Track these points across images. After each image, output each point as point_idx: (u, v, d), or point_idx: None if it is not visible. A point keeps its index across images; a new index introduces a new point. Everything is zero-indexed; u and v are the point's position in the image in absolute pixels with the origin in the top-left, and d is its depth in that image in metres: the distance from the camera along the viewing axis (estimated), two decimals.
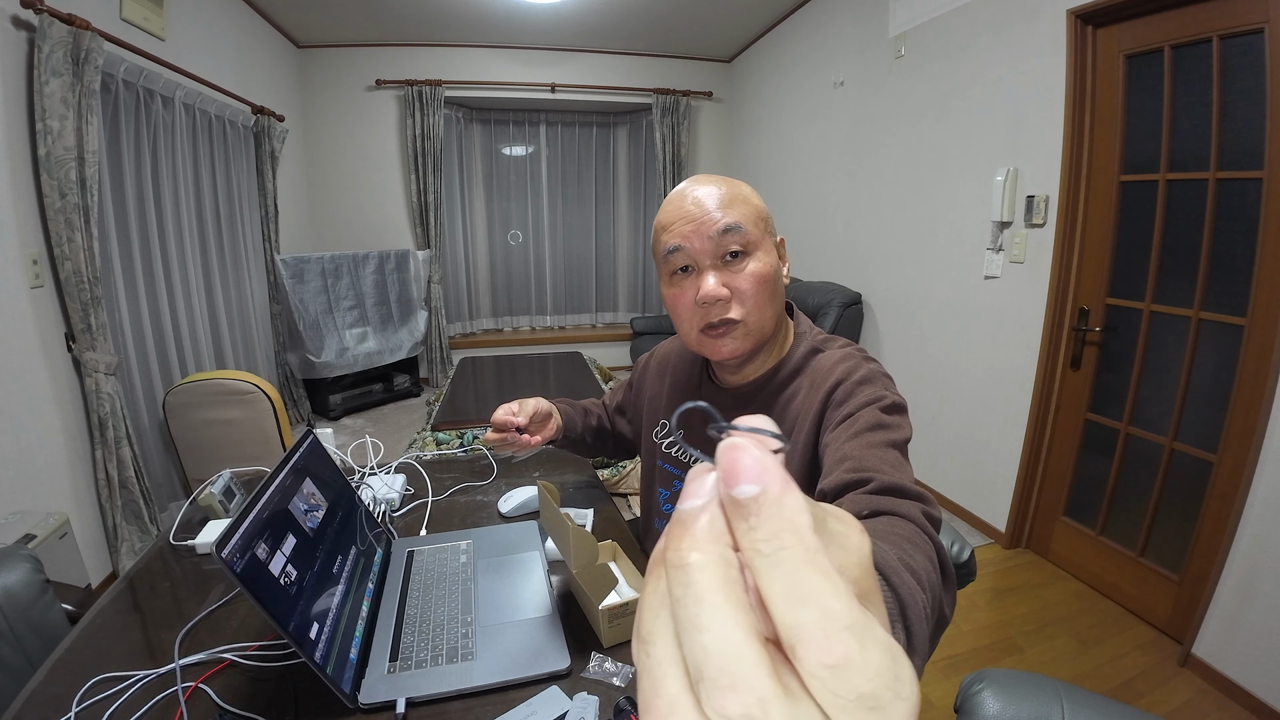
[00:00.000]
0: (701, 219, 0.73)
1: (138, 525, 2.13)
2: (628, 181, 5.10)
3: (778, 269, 0.77)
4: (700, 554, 0.15)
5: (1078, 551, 2.11)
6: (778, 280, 0.77)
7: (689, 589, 0.15)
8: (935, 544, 0.53)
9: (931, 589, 0.47)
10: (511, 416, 0.96)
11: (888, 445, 0.64)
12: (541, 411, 1.01)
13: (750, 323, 0.75)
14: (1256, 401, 1.52)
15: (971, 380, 2.42)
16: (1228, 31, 1.56)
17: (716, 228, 0.73)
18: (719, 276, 0.74)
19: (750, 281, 0.74)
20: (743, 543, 0.15)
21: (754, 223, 0.75)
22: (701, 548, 0.15)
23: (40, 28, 1.75)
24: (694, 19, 3.80)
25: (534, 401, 1.01)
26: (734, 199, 0.74)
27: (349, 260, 3.86)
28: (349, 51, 4.10)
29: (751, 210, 0.75)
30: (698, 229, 0.73)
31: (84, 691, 0.70)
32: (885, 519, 0.54)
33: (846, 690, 0.13)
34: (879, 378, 0.74)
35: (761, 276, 0.74)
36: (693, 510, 0.16)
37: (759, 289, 0.74)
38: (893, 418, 0.68)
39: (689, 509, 0.16)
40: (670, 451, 0.94)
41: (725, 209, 0.73)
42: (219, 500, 1.09)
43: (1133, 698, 1.59)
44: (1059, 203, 1.99)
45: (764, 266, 0.74)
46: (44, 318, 1.87)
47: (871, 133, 2.99)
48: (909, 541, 0.51)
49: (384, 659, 0.76)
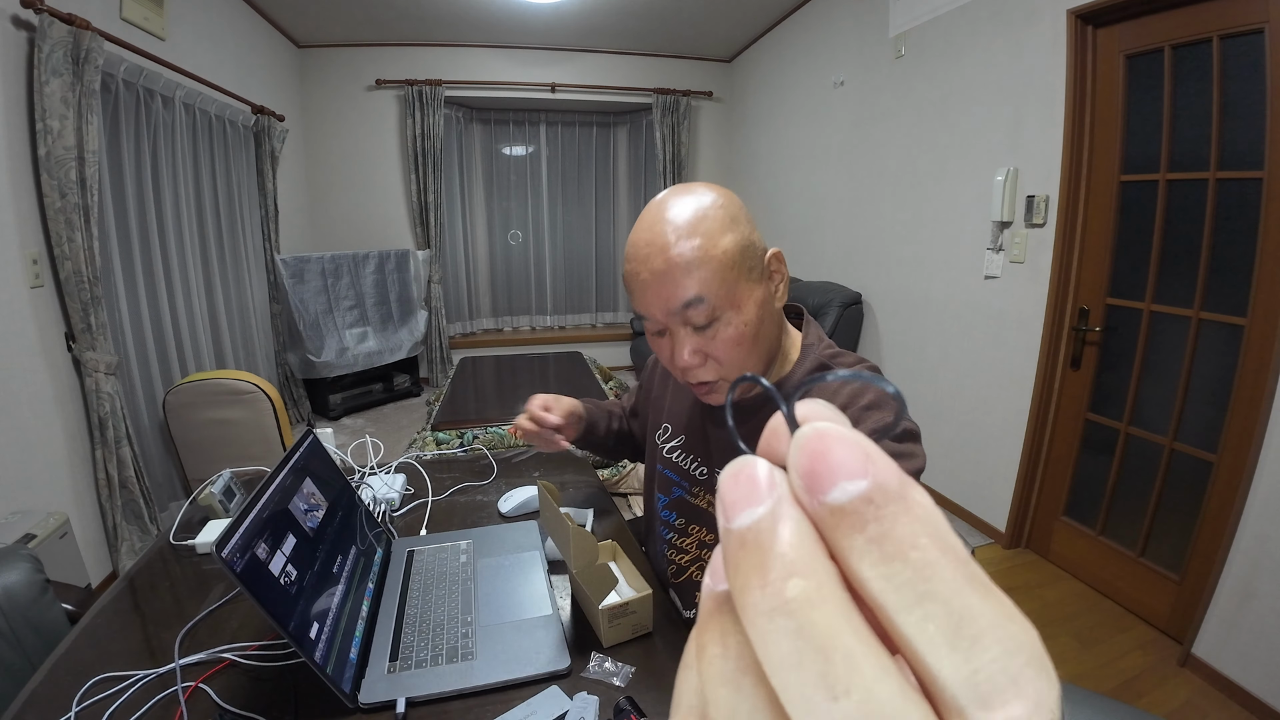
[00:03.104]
0: (659, 291, 0.67)
1: (138, 525, 2.13)
2: (628, 181, 5.10)
3: (759, 314, 0.69)
4: (807, 582, 0.10)
5: (1078, 551, 2.11)
6: (760, 326, 0.70)
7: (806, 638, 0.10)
8: None
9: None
10: (547, 414, 0.95)
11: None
12: (575, 412, 1.00)
13: (732, 377, 0.72)
14: (1256, 401, 1.52)
15: (971, 380, 2.42)
16: (1228, 31, 1.56)
17: (676, 303, 0.67)
18: (691, 342, 0.69)
19: (724, 347, 0.69)
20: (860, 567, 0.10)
21: (719, 282, 0.66)
22: (806, 574, 0.10)
23: (40, 27, 1.75)
24: (694, 19, 3.80)
25: (569, 401, 1.00)
26: (691, 260, 0.65)
27: (349, 260, 3.86)
28: (349, 51, 4.10)
29: (714, 269, 0.65)
30: (659, 300, 0.67)
31: (84, 691, 0.70)
32: None
33: None
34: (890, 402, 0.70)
35: (736, 340, 0.68)
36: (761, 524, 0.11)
37: (734, 350, 0.69)
38: (905, 445, 0.66)
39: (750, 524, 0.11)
40: (670, 456, 0.93)
41: (682, 277, 0.65)
42: (219, 500, 1.09)
43: (1133, 698, 1.59)
44: (1059, 203, 1.99)
45: (737, 327, 0.68)
46: (44, 317, 1.87)
47: (871, 133, 2.99)
48: None
49: (384, 659, 0.76)
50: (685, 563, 0.89)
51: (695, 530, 0.88)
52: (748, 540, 0.11)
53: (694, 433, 0.89)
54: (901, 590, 0.10)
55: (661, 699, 0.71)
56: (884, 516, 0.10)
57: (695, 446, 0.88)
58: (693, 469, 0.88)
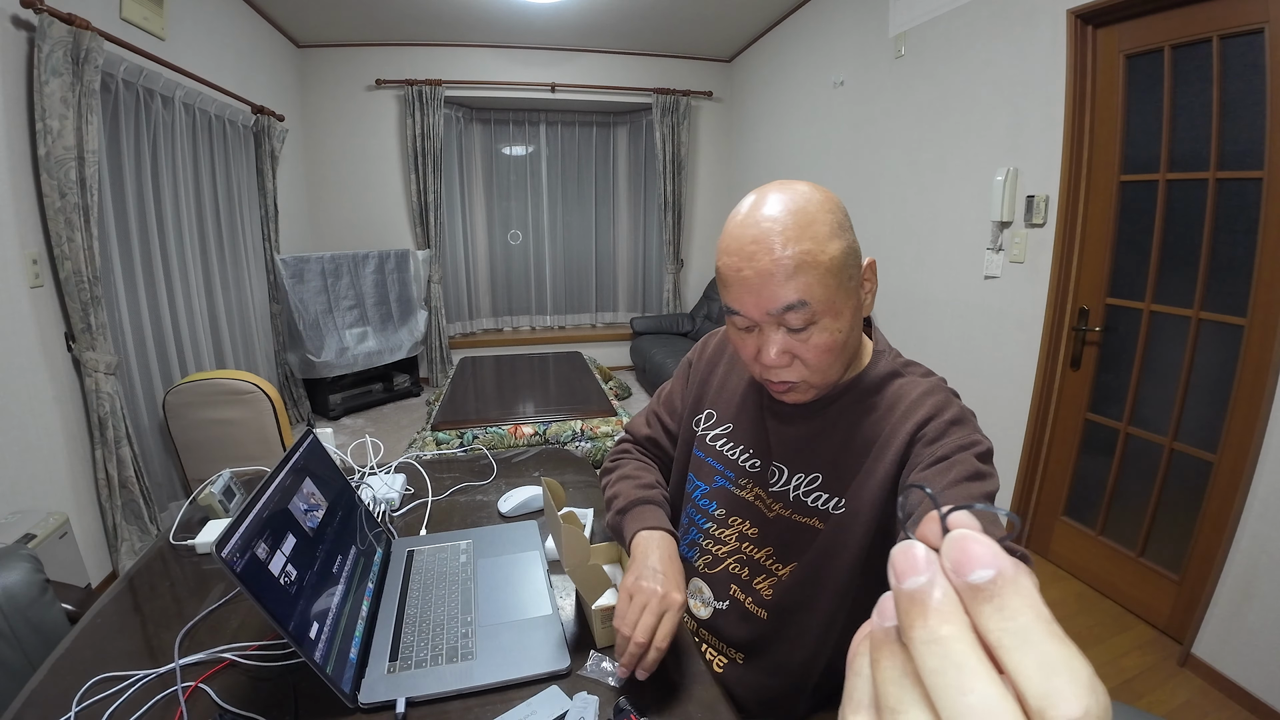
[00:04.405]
0: (760, 290, 0.65)
1: (138, 525, 2.13)
2: (628, 181, 5.10)
3: (852, 322, 0.69)
4: (952, 626, 0.17)
5: (1078, 551, 2.11)
6: (849, 337, 0.69)
7: (948, 659, 0.16)
8: None
9: None
10: (660, 645, 0.69)
11: (985, 498, 0.63)
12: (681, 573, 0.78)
13: (815, 381, 0.71)
14: (1256, 401, 1.52)
15: (971, 380, 2.42)
16: (1228, 31, 1.56)
17: (777, 306, 0.65)
18: (781, 342, 0.67)
19: (815, 352, 0.68)
20: (989, 624, 0.17)
21: (823, 287, 0.64)
22: (952, 621, 0.17)
23: (40, 27, 1.75)
24: (694, 19, 3.80)
25: (674, 597, 0.71)
26: (799, 263, 0.63)
27: (349, 260, 3.86)
28: (349, 51, 4.10)
29: (820, 274, 0.64)
30: (757, 301, 0.66)
31: (84, 691, 0.70)
32: None
33: None
34: (970, 418, 0.71)
35: (828, 346, 0.67)
36: (923, 589, 0.17)
37: (823, 357, 0.68)
38: (987, 466, 0.66)
39: (918, 587, 0.18)
40: (714, 445, 0.89)
41: (787, 279, 0.63)
42: (219, 500, 1.09)
43: (1133, 698, 1.59)
44: (1059, 203, 1.99)
45: (831, 335, 0.67)
46: (44, 317, 1.87)
47: (871, 133, 2.99)
48: None
49: (384, 659, 0.76)
50: (723, 554, 0.85)
51: (736, 522, 0.84)
52: (916, 597, 0.17)
53: (747, 424, 0.85)
54: (1011, 637, 0.16)
55: (658, 698, 0.71)
56: (1004, 593, 0.17)
57: (746, 438, 0.85)
58: (742, 460, 0.85)
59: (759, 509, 0.82)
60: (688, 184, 4.74)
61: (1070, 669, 0.16)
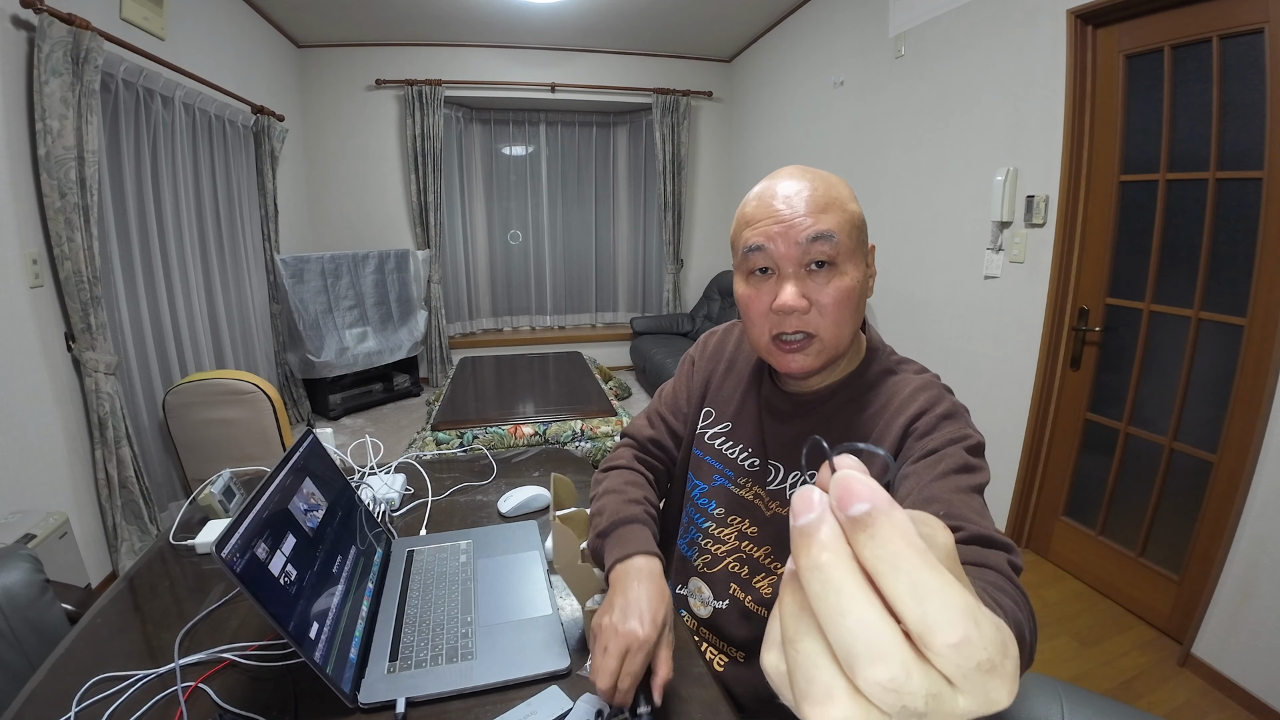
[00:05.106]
0: (791, 221, 0.67)
1: (138, 525, 2.13)
2: (627, 181, 5.10)
3: (864, 283, 0.71)
4: (830, 554, 0.18)
5: (1077, 551, 2.11)
6: (862, 295, 0.71)
7: (828, 584, 0.18)
8: (1022, 594, 0.53)
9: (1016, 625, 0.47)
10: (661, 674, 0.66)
11: (973, 490, 0.63)
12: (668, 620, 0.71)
13: (826, 339, 0.70)
14: (1256, 401, 1.52)
15: (971, 380, 2.42)
16: (1228, 31, 1.56)
17: (806, 234, 0.67)
18: (800, 286, 0.68)
19: (833, 296, 0.68)
20: (864, 553, 0.18)
21: (848, 232, 0.68)
22: (831, 549, 0.18)
23: (40, 27, 1.75)
24: (694, 19, 3.80)
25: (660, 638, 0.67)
26: (829, 203, 0.68)
27: (349, 260, 3.86)
28: (349, 51, 4.10)
29: (846, 218, 0.68)
30: (785, 231, 0.68)
31: (84, 691, 0.70)
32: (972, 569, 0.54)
33: (969, 661, 0.17)
34: (962, 413, 0.72)
35: (846, 292, 0.68)
36: (812, 523, 0.19)
37: (841, 305, 0.69)
38: (977, 459, 0.67)
39: (807, 523, 0.19)
40: (714, 444, 0.89)
41: (818, 213, 0.67)
42: (219, 500, 1.08)
43: (1132, 698, 1.59)
44: (1059, 203, 1.99)
45: (850, 281, 0.69)
46: (44, 317, 1.87)
47: (871, 133, 2.99)
48: (997, 589, 0.51)
49: (384, 659, 0.76)
50: (722, 553, 0.86)
51: (735, 521, 0.85)
52: (805, 531, 0.19)
53: (745, 423, 0.86)
54: (883, 564, 0.18)
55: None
56: (878, 524, 0.18)
57: (745, 437, 0.85)
58: (741, 459, 0.85)
59: (758, 508, 0.82)
60: (688, 184, 4.74)
61: (944, 596, 0.17)
